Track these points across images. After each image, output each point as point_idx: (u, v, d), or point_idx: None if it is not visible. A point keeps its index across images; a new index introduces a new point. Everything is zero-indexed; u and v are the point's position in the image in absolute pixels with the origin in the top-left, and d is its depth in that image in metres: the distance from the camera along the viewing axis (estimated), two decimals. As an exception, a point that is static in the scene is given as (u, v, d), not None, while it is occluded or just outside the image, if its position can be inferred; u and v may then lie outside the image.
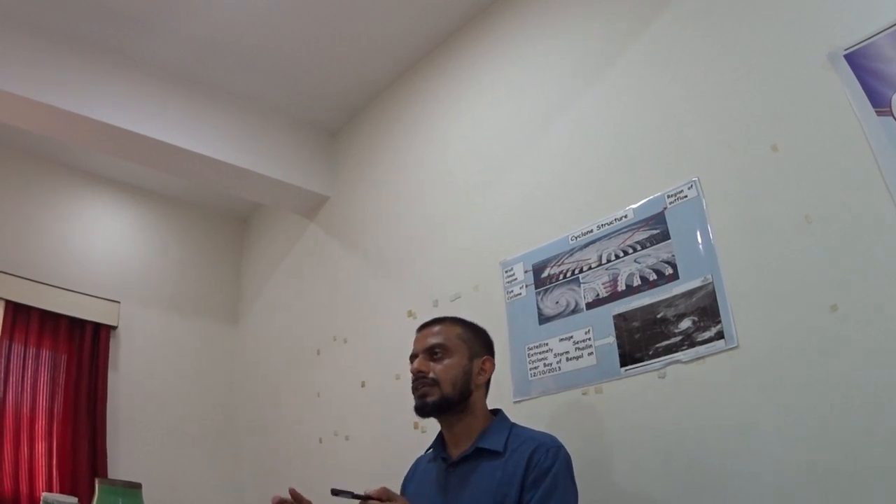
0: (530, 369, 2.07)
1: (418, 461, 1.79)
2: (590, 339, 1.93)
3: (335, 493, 1.66)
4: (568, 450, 1.52)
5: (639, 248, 1.89)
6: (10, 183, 3.41)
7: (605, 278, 1.95)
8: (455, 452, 1.61)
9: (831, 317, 1.47)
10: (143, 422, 3.38)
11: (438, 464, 1.64)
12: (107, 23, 2.74)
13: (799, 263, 1.55)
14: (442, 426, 1.66)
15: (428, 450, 1.74)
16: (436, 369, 1.60)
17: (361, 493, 1.45)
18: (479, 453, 1.55)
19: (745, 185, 1.70)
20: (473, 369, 1.63)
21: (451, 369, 1.60)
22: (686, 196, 1.81)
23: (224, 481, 3.52)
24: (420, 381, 1.61)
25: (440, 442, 1.67)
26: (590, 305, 1.97)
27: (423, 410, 1.61)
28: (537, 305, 2.12)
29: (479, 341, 1.70)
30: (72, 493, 2.79)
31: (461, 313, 1.76)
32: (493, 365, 1.69)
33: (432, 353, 1.63)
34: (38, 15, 2.65)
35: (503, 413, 1.67)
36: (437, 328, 1.68)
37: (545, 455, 1.47)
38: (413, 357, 1.67)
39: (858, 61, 1.54)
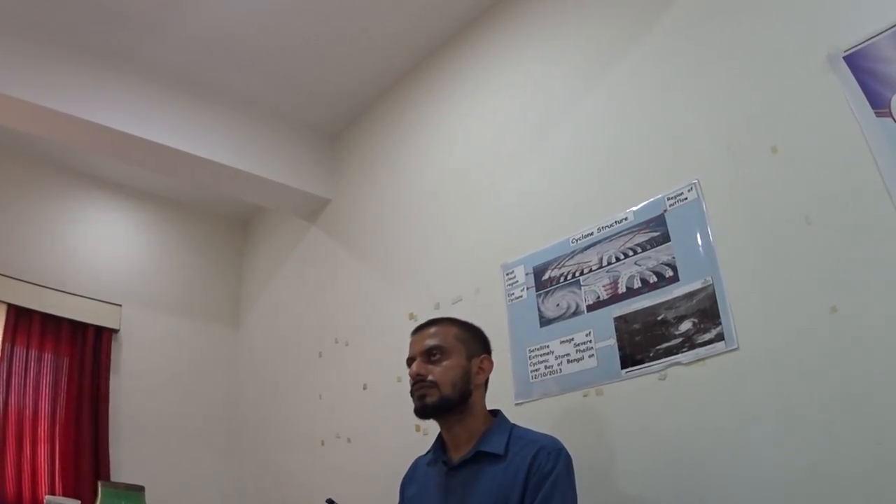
0: (531, 371, 2.07)
1: (417, 462, 1.78)
2: (590, 341, 1.94)
3: (329, 502, 1.68)
4: (569, 452, 1.52)
5: (639, 250, 1.89)
6: (12, 186, 3.41)
7: (606, 280, 1.95)
8: (455, 455, 1.59)
9: (831, 318, 1.47)
10: (145, 424, 3.38)
11: (439, 467, 1.63)
12: (107, 25, 2.75)
13: (799, 265, 1.55)
14: (441, 428, 1.64)
15: (427, 451, 1.73)
16: (434, 372, 1.59)
17: None
18: (479, 457, 1.54)
19: (744, 187, 1.70)
20: (472, 369, 1.62)
21: (449, 371, 1.59)
22: (686, 198, 1.82)
23: (226, 484, 3.52)
24: (419, 384, 1.59)
25: (440, 444, 1.66)
26: (590, 308, 1.97)
27: (423, 412, 1.59)
28: (538, 308, 2.12)
29: (476, 341, 1.69)
30: (74, 496, 2.79)
31: (462, 316, 1.77)
32: (492, 363, 1.68)
33: (430, 355, 1.61)
34: (39, 18, 2.66)
35: (503, 414, 1.66)
36: (433, 330, 1.66)
37: (546, 458, 1.47)
38: (410, 361, 1.66)
39: (858, 63, 1.55)
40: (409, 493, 1.73)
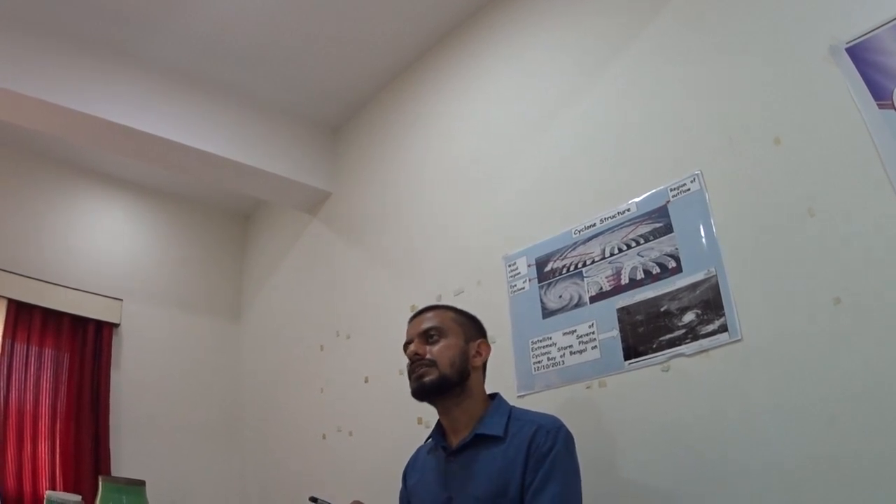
0: (534, 363, 2.07)
1: (418, 451, 1.79)
2: (593, 332, 1.94)
3: (313, 500, 1.67)
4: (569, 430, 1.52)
5: (642, 241, 1.89)
6: (12, 181, 3.41)
7: (609, 272, 1.95)
8: (454, 440, 1.60)
9: (834, 309, 1.47)
10: (146, 419, 3.38)
11: (439, 453, 1.63)
12: (109, 20, 2.74)
13: (802, 256, 1.55)
14: (440, 412, 1.64)
15: (427, 440, 1.73)
16: (432, 351, 1.60)
17: None
18: (478, 440, 1.54)
19: (747, 178, 1.70)
20: (470, 351, 1.63)
21: (448, 350, 1.60)
22: (689, 189, 1.82)
23: (227, 478, 3.53)
24: (417, 364, 1.60)
25: (439, 431, 1.66)
26: (593, 299, 1.97)
27: (421, 392, 1.59)
28: (541, 299, 2.12)
29: (472, 325, 1.70)
30: (75, 491, 2.79)
31: (465, 307, 1.77)
32: (489, 348, 1.69)
33: (427, 336, 1.63)
34: (40, 13, 2.66)
35: (500, 396, 1.66)
36: (430, 314, 1.68)
37: (545, 437, 1.47)
38: (408, 344, 1.67)
39: (860, 54, 1.55)
40: (411, 481, 1.73)
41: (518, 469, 1.44)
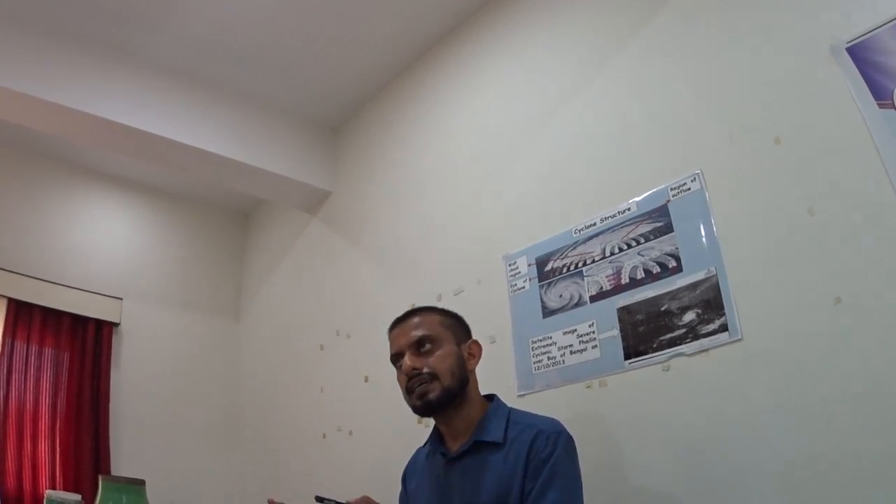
0: (534, 363, 2.07)
1: (417, 454, 1.75)
2: (594, 332, 1.94)
3: (319, 500, 1.63)
4: (570, 434, 1.49)
5: (642, 240, 1.89)
6: (12, 180, 3.41)
7: (609, 271, 1.95)
8: (454, 446, 1.55)
9: (835, 309, 1.47)
10: (146, 418, 3.38)
11: (437, 458, 1.58)
12: (109, 20, 2.74)
13: (802, 256, 1.55)
14: (439, 421, 1.59)
15: (426, 442, 1.70)
16: (429, 363, 1.51)
17: (344, 501, 1.40)
18: (478, 446, 1.49)
19: (747, 178, 1.70)
20: (464, 355, 1.57)
21: (445, 359, 1.52)
22: (689, 188, 1.82)
23: (227, 477, 3.53)
24: (416, 380, 1.51)
25: (436, 436, 1.61)
26: (593, 298, 1.97)
27: (427, 410, 1.52)
28: (541, 299, 2.12)
29: (460, 326, 1.63)
30: (75, 490, 2.79)
31: (464, 307, 1.76)
32: (480, 347, 1.63)
33: (419, 346, 1.54)
34: (40, 13, 2.65)
35: (499, 398, 1.61)
36: (416, 320, 1.59)
37: (545, 443, 1.42)
38: (397, 356, 1.58)
39: (860, 54, 1.55)
40: (410, 486, 1.70)
41: (518, 476, 1.41)
